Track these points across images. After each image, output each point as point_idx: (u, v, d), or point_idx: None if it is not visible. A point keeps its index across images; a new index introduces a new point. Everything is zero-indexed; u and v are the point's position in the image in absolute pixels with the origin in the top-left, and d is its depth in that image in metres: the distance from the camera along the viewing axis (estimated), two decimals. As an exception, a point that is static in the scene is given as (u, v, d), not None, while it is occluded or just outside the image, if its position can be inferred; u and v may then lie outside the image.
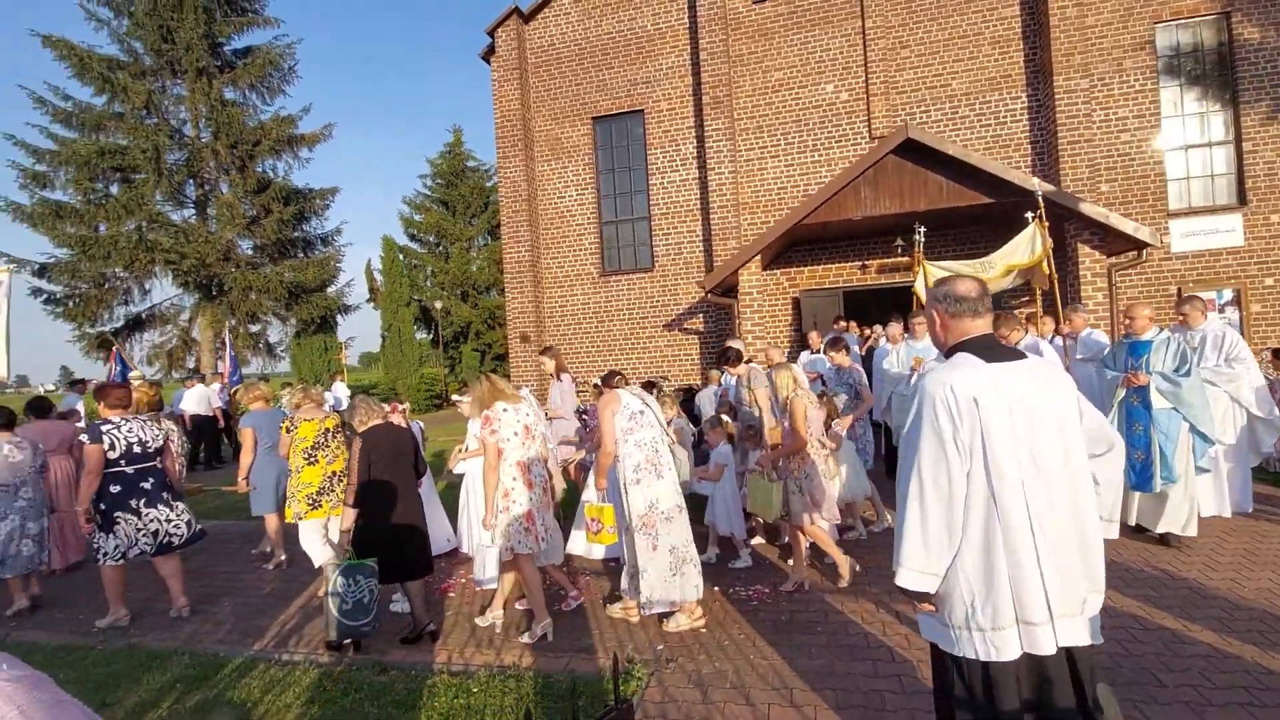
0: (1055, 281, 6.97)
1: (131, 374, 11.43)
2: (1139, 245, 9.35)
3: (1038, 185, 7.45)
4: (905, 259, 11.45)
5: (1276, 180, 10.32)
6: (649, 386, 6.75)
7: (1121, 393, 5.10)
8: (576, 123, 13.14)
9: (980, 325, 2.23)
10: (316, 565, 5.10)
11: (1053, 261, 7.09)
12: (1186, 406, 4.83)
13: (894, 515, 5.71)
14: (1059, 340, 6.84)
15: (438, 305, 26.33)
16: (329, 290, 22.72)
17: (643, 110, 12.76)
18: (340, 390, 17.79)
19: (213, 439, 12.28)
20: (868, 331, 9.65)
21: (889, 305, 12.32)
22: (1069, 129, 10.60)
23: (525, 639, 4.04)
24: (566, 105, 13.16)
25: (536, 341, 13.20)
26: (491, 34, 13.22)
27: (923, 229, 8.25)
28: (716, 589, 4.69)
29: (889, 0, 11.52)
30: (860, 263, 11.76)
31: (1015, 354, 2.20)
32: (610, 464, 4.10)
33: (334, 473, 5.15)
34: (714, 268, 12.06)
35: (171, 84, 20.43)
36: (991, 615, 2.04)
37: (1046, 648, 2.03)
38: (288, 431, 5.18)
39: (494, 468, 4.01)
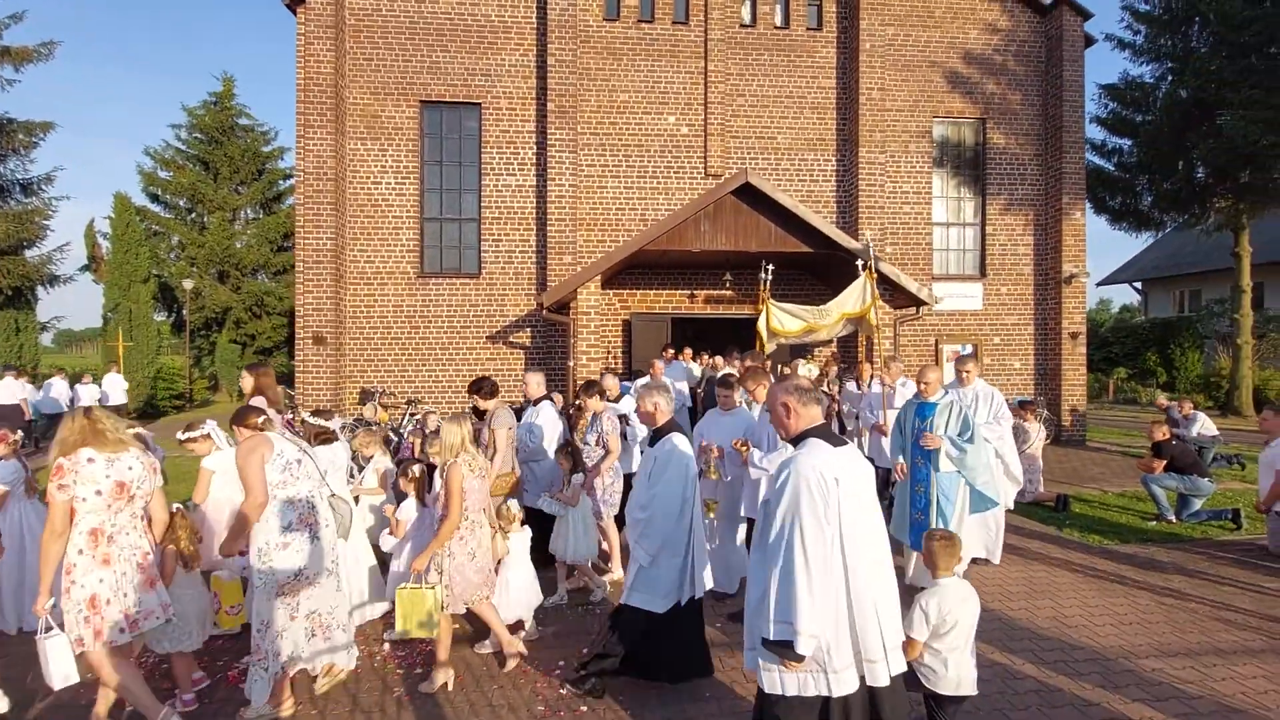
0: (878, 330, 7.71)
1: None
2: (918, 303, 10.95)
3: (868, 238, 8.21)
4: (730, 292, 12.12)
5: (1006, 259, 12.90)
6: (366, 397, 6.05)
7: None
8: (401, 103, 11.75)
9: (819, 413, 2.69)
10: None
11: (878, 311, 7.80)
12: (970, 470, 4.99)
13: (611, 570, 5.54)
14: (877, 386, 7.61)
15: (186, 284, 21.88)
16: (29, 254, 17.51)
17: (480, 104, 11.84)
18: (114, 384, 14.27)
19: None
20: (706, 358, 9.93)
21: (714, 334, 12.94)
22: (868, 194, 12.13)
23: None
24: (390, 81, 11.71)
25: (334, 344, 11.45)
26: (302, -20, 11.26)
27: (770, 268, 8.65)
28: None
29: (729, 49, 12.18)
30: (690, 291, 12.17)
31: (842, 440, 2.69)
32: (255, 521, 3.42)
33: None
34: (547, 280, 11.57)
35: None
36: (839, 656, 2.46)
37: (883, 680, 2.51)
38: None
39: (58, 534, 3.06)
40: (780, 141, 12.35)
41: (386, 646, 4.44)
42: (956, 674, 2.99)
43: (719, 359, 9.14)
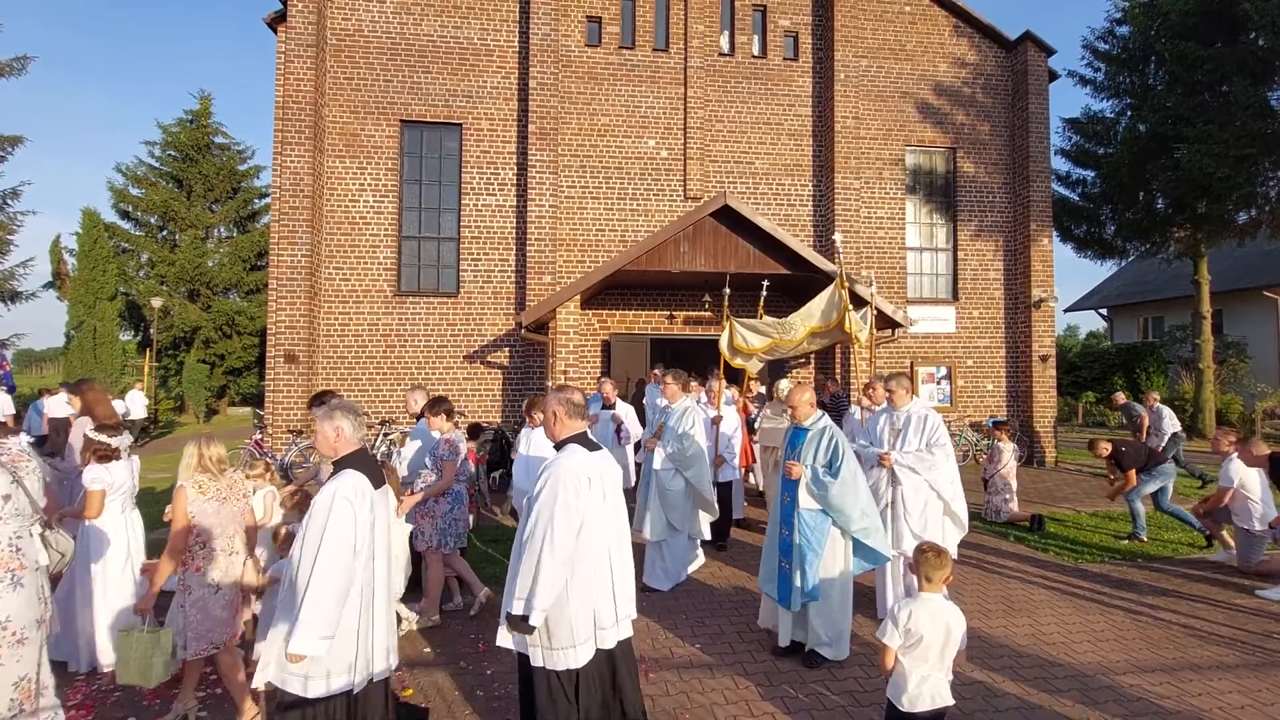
0: (857, 340, 7.45)
1: None
2: (894, 325, 11.10)
3: (838, 239, 8.06)
4: (709, 314, 12.17)
5: (977, 284, 13.19)
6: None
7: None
8: (381, 122, 11.74)
9: (582, 424, 3.15)
10: None
11: (854, 321, 7.52)
12: (837, 512, 4.19)
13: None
14: (856, 409, 7.60)
15: (155, 302, 21.37)
16: (-10, 268, 17.03)
17: (461, 125, 11.88)
18: (135, 400, 14.65)
19: None
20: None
21: (693, 355, 12.97)
22: (843, 219, 12.35)
23: None
24: (371, 100, 11.71)
25: (306, 363, 11.24)
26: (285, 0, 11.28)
27: (728, 290, 8.62)
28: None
29: (709, 76, 12.43)
30: (669, 313, 12.21)
31: (597, 446, 3.14)
32: None
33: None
34: (526, 300, 11.53)
35: None
36: (583, 630, 2.91)
37: (612, 643, 3.03)
38: None
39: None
40: (758, 166, 12.57)
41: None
42: (917, 690, 2.92)
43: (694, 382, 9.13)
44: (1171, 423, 10.67)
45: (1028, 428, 12.69)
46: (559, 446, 3.09)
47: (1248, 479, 6.16)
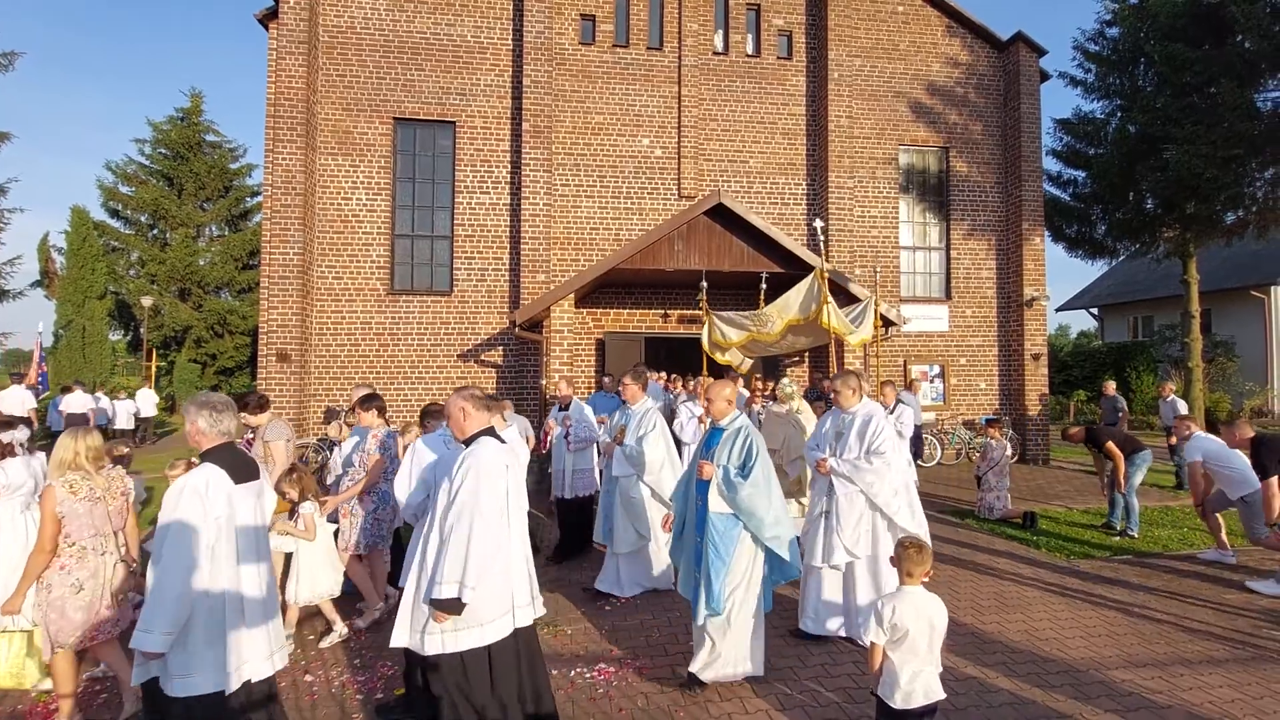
0: (841, 335, 7.33)
1: None
2: (888, 323, 11.14)
3: (818, 225, 7.97)
4: (703, 313, 12.17)
5: (970, 283, 13.25)
6: (331, 416, 5.61)
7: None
8: (374, 119, 11.68)
9: (490, 417, 3.31)
10: None
11: (835, 316, 7.37)
12: (748, 516, 3.81)
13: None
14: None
15: (145, 301, 21.21)
16: (-23, 266, 16.84)
17: (454, 123, 11.84)
18: (146, 399, 15.42)
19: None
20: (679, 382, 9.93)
21: (687, 354, 12.96)
22: (837, 218, 12.38)
23: None
24: (364, 98, 11.65)
25: (299, 362, 11.17)
26: (275, -4, 11.21)
27: (704, 284, 8.57)
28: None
29: (703, 74, 12.43)
30: (663, 311, 12.21)
31: (501, 439, 3.29)
32: None
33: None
34: (520, 299, 11.50)
35: None
36: (496, 607, 3.03)
37: (527, 621, 3.20)
38: None
39: None
40: (752, 165, 12.59)
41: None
42: (909, 686, 2.92)
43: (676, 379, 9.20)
44: (1180, 408, 10.69)
45: (1020, 425, 12.76)
46: (469, 442, 3.19)
47: (1215, 452, 6.11)
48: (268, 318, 10.97)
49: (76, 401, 13.79)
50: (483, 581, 2.94)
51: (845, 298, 11.06)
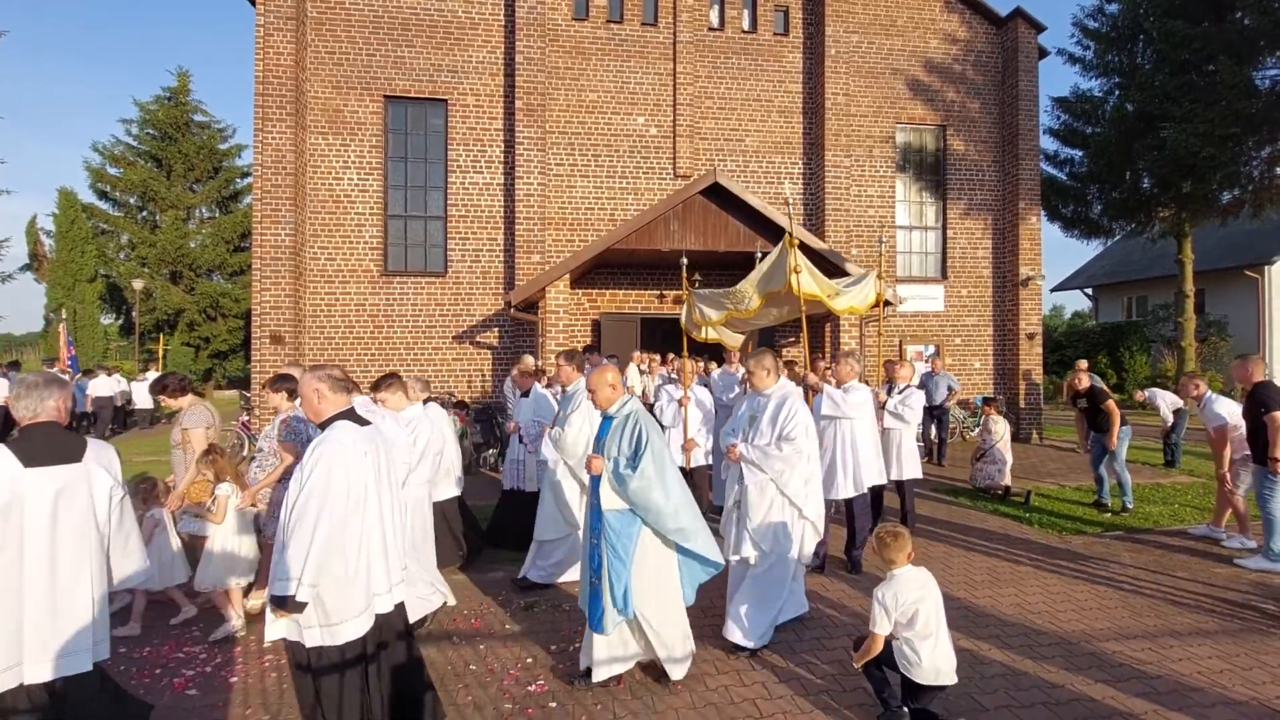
0: (812, 299, 6.84)
1: None
2: (885, 304, 11.10)
3: (787, 190, 7.54)
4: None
5: (966, 262, 13.23)
6: None
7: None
8: (365, 97, 11.51)
9: (348, 399, 3.01)
10: None
11: (808, 279, 6.87)
12: (644, 511, 3.48)
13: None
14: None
15: (136, 284, 21.02)
16: (-38, 249, 16.64)
17: (446, 101, 11.67)
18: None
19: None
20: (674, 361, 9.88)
21: (682, 335, 12.89)
22: (834, 197, 12.31)
23: None
24: (353, 75, 11.46)
25: (292, 344, 11.11)
26: (261, -30, 10.96)
27: (685, 261, 8.31)
28: None
29: (698, 51, 12.26)
30: (659, 291, 12.16)
31: (367, 421, 3.03)
32: None
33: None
34: (515, 280, 11.44)
35: None
36: (361, 600, 2.80)
37: (388, 608, 2.92)
38: None
39: None
40: (748, 144, 12.47)
41: None
42: (933, 664, 2.97)
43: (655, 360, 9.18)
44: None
45: (1014, 405, 12.82)
46: (324, 426, 2.92)
47: (1239, 412, 5.91)
48: (260, 300, 10.88)
49: (103, 385, 14.17)
50: (339, 580, 2.72)
51: (841, 276, 11.04)
